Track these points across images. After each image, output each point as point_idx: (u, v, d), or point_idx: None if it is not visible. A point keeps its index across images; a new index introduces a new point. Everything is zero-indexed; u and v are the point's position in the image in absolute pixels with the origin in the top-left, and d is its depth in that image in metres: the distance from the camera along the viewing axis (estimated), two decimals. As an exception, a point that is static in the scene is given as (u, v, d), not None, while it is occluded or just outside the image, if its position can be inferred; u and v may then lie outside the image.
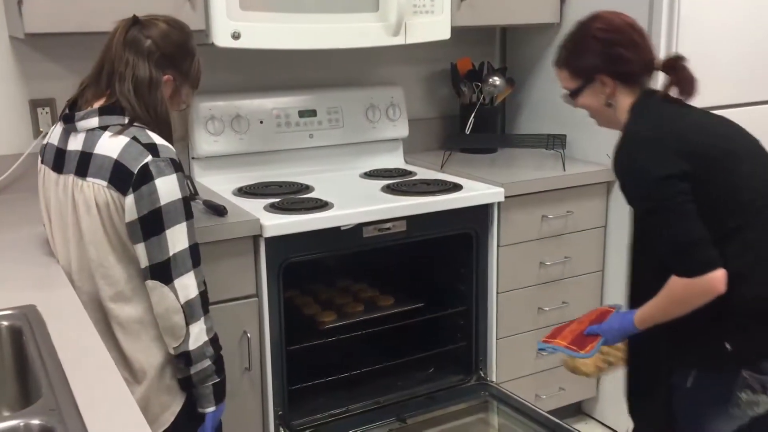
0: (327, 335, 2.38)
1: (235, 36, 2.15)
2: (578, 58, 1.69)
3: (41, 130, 2.36)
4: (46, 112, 2.38)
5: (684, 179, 1.56)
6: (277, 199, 2.26)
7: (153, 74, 1.62)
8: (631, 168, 1.62)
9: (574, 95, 1.72)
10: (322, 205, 2.20)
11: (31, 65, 2.35)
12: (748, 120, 2.64)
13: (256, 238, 2.08)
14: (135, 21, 1.64)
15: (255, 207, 2.18)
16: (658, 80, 1.74)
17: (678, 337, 1.67)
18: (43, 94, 2.37)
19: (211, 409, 1.68)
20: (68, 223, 1.63)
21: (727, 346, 1.60)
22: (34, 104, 2.37)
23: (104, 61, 1.64)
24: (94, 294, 1.62)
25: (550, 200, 2.53)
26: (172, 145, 1.62)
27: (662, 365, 1.73)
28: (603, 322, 1.79)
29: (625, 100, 1.68)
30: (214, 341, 1.65)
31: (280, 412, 2.19)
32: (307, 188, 2.42)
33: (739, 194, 1.61)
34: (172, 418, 1.65)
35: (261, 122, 2.57)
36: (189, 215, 1.59)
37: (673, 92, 1.68)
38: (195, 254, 1.60)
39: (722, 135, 1.69)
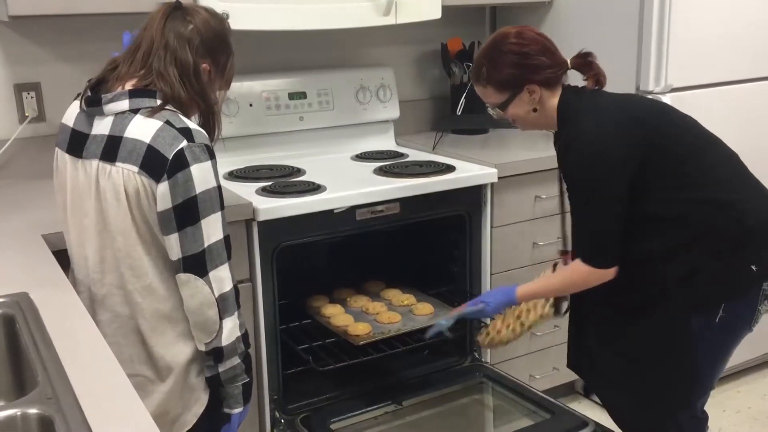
0: (362, 352, 2.27)
1: (224, 17, 2.11)
2: (500, 72, 1.78)
3: (27, 114, 2.32)
4: (32, 97, 2.33)
5: (631, 161, 1.69)
6: (269, 183, 2.24)
7: (195, 60, 1.54)
8: (593, 160, 1.71)
9: (503, 107, 1.83)
10: (314, 188, 2.18)
11: (15, 49, 2.30)
12: (737, 97, 2.68)
13: (248, 222, 2.05)
14: (177, 6, 1.58)
15: (247, 191, 2.15)
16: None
17: (700, 282, 1.76)
18: (27, 78, 2.33)
19: (239, 409, 1.61)
20: (87, 210, 1.54)
21: (753, 268, 1.75)
22: (19, 89, 2.32)
23: (141, 43, 1.55)
24: (119, 286, 1.54)
25: (543, 180, 2.51)
26: (211, 136, 1.55)
27: (678, 318, 1.78)
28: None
29: (551, 101, 1.80)
30: (245, 338, 1.58)
31: (276, 397, 2.18)
32: (299, 171, 2.40)
33: (693, 146, 1.79)
34: (194, 420, 1.59)
35: (250, 105, 2.54)
36: (222, 205, 1.52)
37: (590, 84, 1.83)
38: (229, 246, 1.53)
39: (654, 104, 1.92)
